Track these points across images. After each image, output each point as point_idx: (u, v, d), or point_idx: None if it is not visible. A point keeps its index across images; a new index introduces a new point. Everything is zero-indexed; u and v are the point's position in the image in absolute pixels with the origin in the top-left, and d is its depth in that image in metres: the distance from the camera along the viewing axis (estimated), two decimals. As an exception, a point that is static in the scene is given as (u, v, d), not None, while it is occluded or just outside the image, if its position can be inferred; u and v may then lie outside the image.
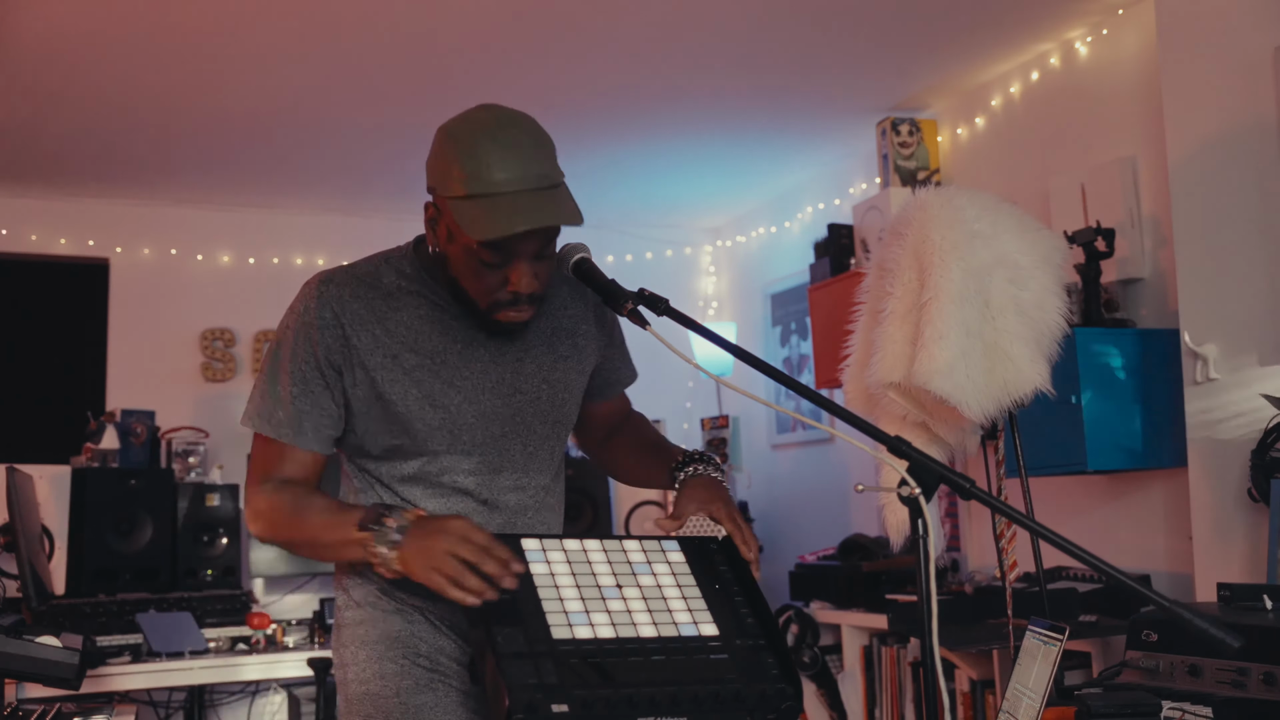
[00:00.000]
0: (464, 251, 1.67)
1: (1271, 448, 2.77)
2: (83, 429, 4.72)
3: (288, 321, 1.78)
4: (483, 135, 1.64)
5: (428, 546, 1.57)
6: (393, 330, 1.76)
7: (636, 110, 4.35)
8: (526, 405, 1.83)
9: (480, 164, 1.62)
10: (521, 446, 1.84)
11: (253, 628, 4.22)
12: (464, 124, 1.67)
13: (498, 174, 1.61)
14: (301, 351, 1.74)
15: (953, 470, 1.43)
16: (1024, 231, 2.25)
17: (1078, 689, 2.13)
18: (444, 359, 1.77)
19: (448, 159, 1.66)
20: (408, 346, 1.76)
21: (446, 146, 1.67)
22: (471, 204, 1.62)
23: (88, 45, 3.63)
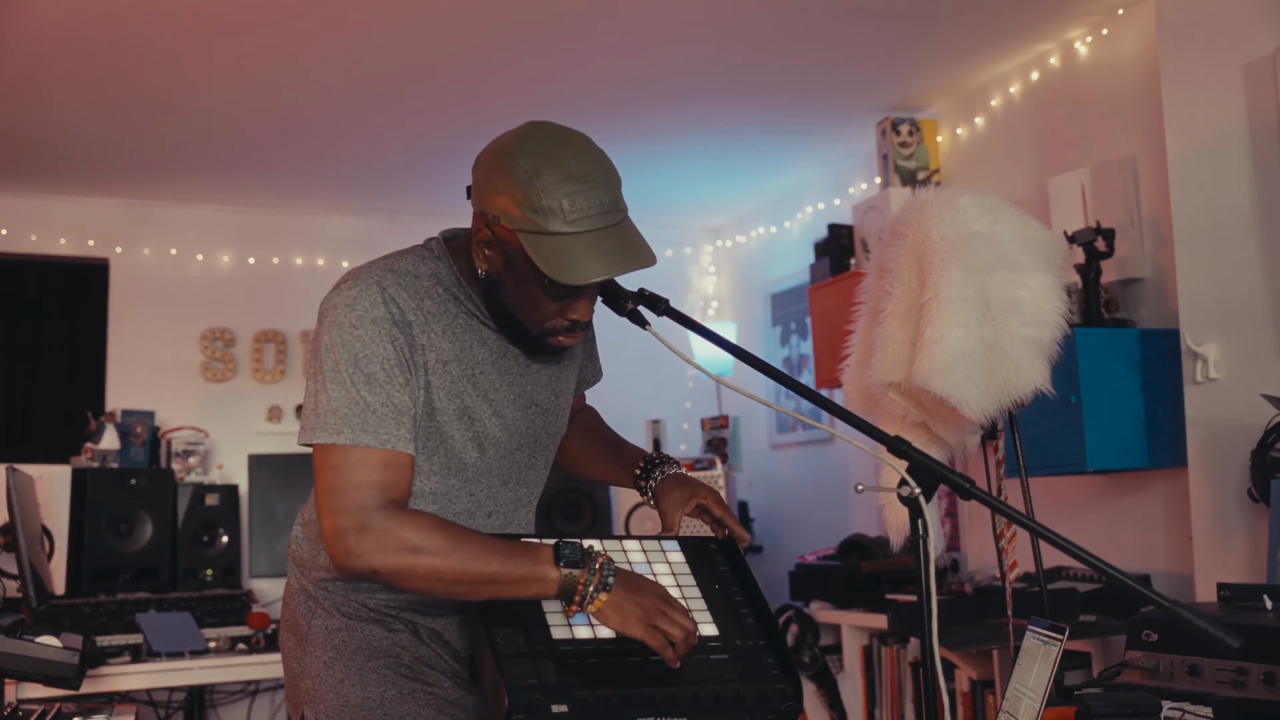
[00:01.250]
0: (526, 283, 1.61)
1: (1271, 448, 2.77)
2: (83, 429, 4.72)
3: (348, 320, 1.62)
4: (552, 166, 1.56)
5: (640, 602, 1.56)
6: (443, 335, 1.69)
7: (636, 110, 4.35)
8: (539, 418, 1.82)
9: (555, 200, 1.54)
10: (528, 458, 1.83)
11: (253, 628, 4.22)
12: (525, 149, 1.59)
13: (573, 213, 1.55)
14: (379, 349, 1.61)
15: (953, 470, 1.43)
16: (1024, 231, 2.25)
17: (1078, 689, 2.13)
18: (481, 371, 1.72)
19: (512, 187, 1.56)
20: (453, 356, 1.69)
21: (510, 173, 1.57)
22: (548, 241, 1.54)
23: (87, 45, 3.63)
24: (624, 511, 4.97)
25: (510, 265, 1.62)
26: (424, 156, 4.82)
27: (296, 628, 1.80)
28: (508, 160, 1.59)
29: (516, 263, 1.60)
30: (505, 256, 1.61)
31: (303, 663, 1.78)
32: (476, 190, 1.64)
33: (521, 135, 1.63)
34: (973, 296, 2.15)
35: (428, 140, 4.62)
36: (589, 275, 1.55)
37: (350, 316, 1.63)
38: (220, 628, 4.20)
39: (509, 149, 1.61)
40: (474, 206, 1.65)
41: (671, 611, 1.56)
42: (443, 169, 4.97)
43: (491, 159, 1.62)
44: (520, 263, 1.60)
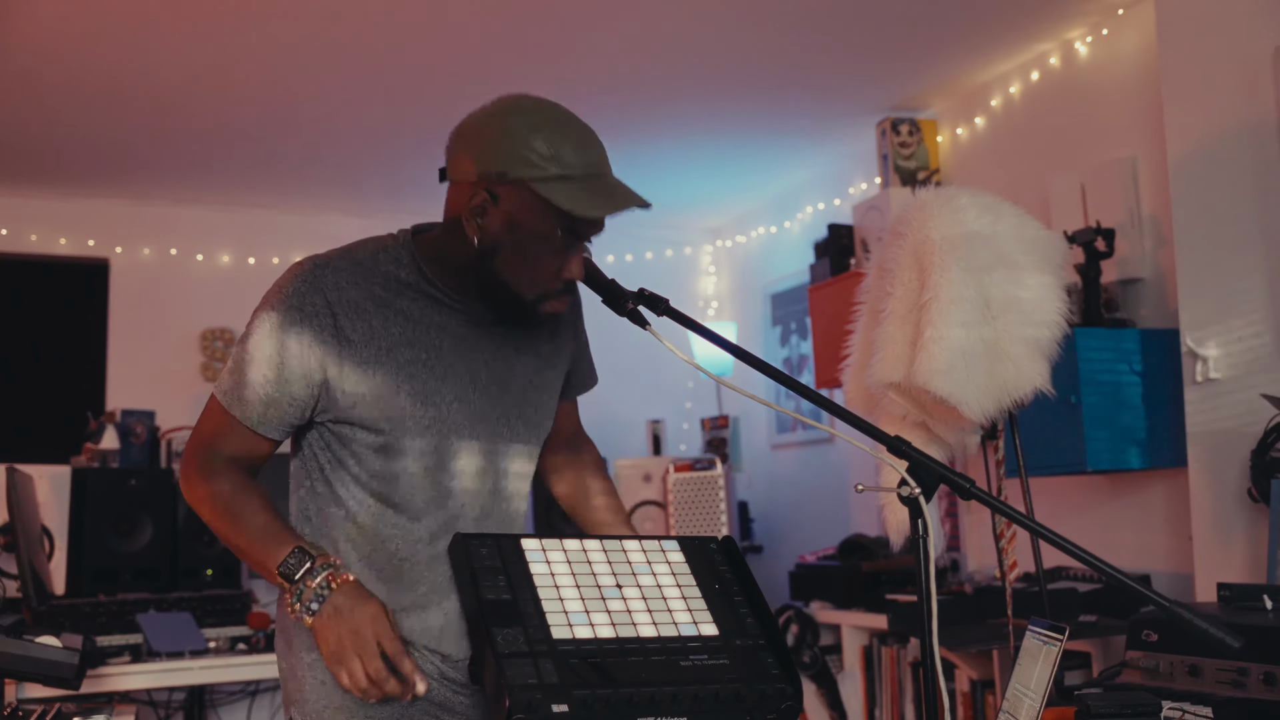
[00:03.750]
0: (529, 238, 1.63)
1: (1271, 448, 2.77)
2: (83, 429, 4.72)
3: (273, 302, 1.69)
4: (552, 119, 1.63)
5: (341, 636, 1.60)
6: (389, 320, 1.70)
7: (636, 110, 4.35)
8: (512, 406, 1.81)
9: (564, 146, 1.60)
10: (506, 446, 1.82)
11: (253, 628, 4.21)
12: (518, 110, 1.64)
13: (584, 156, 1.62)
14: (284, 338, 1.67)
15: (953, 470, 1.43)
16: (1024, 231, 2.24)
17: (1078, 689, 2.13)
18: (438, 354, 1.73)
19: (518, 142, 1.60)
20: (404, 340, 1.71)
21: (512, 130, 1.61)
22: (565, 184, 1.59)
23: (88, 45, 3.63)
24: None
25: (512, 225, 1.63)
26: (424, 157, 4.81)
27: (285, 629, 1.82)
28: (504, 121, 1.63)
29: (520, 219, 1.62)
30: (507, 216, 1.63)
31: (290, 663, 1.80)
32: (467, 158, 1.64)
33: (509, 101, 1.68)
34: (973, 296, 2.15)
35: (428, 140, 4.62)
36: (608, 209, 1.61)
37: (275, 298, 1.70)
38: (220, 628, 4.20)
39: (501, 113, 1.65)
40: (462, 177, 1.66)
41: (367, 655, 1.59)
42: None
43: (484, 125, 1.65)
44: (525, 217, 1.62)
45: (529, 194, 1.60)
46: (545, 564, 1.64)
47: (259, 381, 1.69)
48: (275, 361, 1.68)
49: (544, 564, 1.64)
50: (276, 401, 1.70)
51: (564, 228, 1.62)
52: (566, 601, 1.59)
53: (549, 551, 1.66)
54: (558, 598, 1.59)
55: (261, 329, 1.69)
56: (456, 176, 1.66)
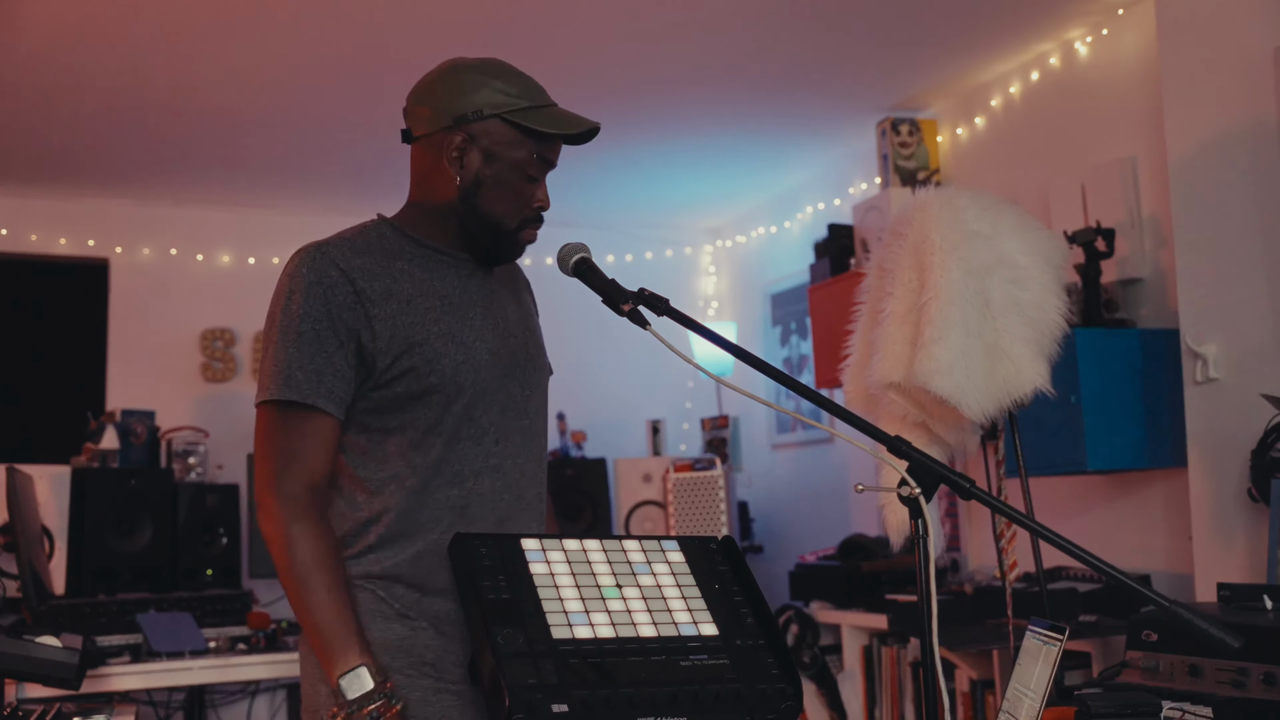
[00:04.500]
0: (506, 166, 1.78)
1: (1271, 448, 2.77)
2: (83, 429, 4.72)
3: (288, 288, 1.74)
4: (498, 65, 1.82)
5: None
6: (399, 278, 1.79)
7: (636, 110, 4.35)
8: (519, 348, 1.89)
9: (520, 83, 1.79)
10: (520, 388, 1.88)
11: (253, 627, 4.22)
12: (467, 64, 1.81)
13: (537, 91, 1.81)
14: (313, 310, 1.72)
15: (953, 470, 1.43)
16: (1024, 231, 2.25)
17: (1078, 689, 2.13)
18: (452, 300, 1.82)
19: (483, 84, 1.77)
20: (419, 290, 1.79)
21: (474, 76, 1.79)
22: (533, 112, 1.77)
23: (87, 45, 3.64)
24: (624, 512, 4.97)
25: (490, 158, 1.79)
26: (424, 156, 4.82)
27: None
28: (459, 75, 1.80)
29: (497, 150, 1.78)
30: (484, 152, 1.79)
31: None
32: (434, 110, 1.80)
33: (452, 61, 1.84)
34: (973, 297, 2.15)
35: (428, 140, 4.62)
36: (579, 125, 1.79)
37: (287, 283, 1.76)
38: (220, 628, 4.20)
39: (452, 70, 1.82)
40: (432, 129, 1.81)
41: None
42: (443, 169, 4.97)
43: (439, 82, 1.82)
44: (501, 148, 1.78)
45: (503, 126, 1.78)
46: (545, 564, 1.64)
47: (306, 357, 1.72)
48: (311, 335, 1.72)
49: (544, 564, 1.64)
50: (325, 371, 1.72)
51: (536, 153, 1.79)
52: (566, 601, 1.59)
53: (549, 551, 1.66)
54: (557, 598, 1.59)
55: (289, 312, 1.74)
56: (426, 130, 1.82)
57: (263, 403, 1.74)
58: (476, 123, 1.77)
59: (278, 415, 1.73)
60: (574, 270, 1.81)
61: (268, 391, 1.72)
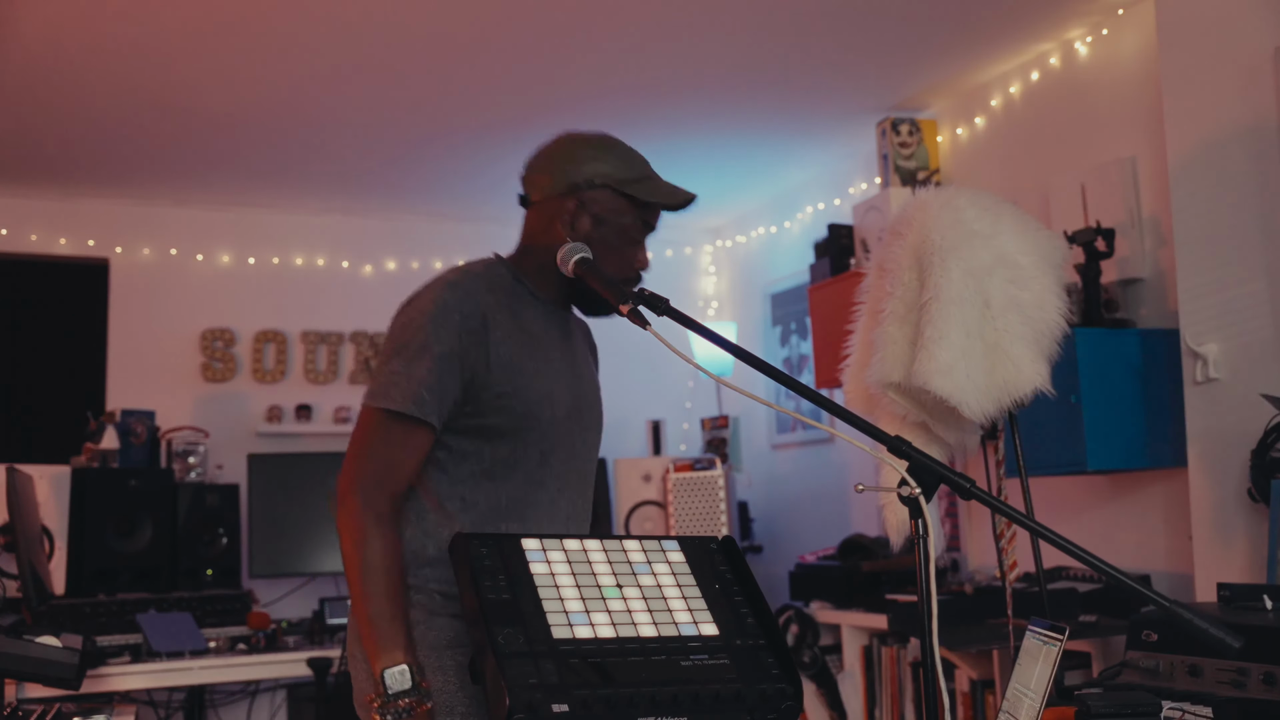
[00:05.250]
0: (614, 231, 1.96)
1: (1271, 448, 2.77)
2: (83, 429, 4.72)
3: (432, 310, 1.88)
4: (608, 139, 2.01)
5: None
6: (514, 321, 1.95)
7: (636, 111, 4.35)
8: (584, 396, 2.04)
9: (628, 157, 1.99)
10: (581, 436, 2.02)
11: (253, 627, 4.22)
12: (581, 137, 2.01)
13: (642, 163, 2.01)
14: (448, 337, 1.86)
15: (953, 470, 1.43)
16: (1024, 231, 2.24)
17: (1078, 689, 2.13)
18: (546, 347, 1.98)
19: (598, 157, 1.97)
20: (526, 334, 1.95)
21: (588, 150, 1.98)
22: (639, 183, 1.97)
23: (88, 46, 3.64)
24: (624, 512, 4.97)
25: (599, 223, 1.96)
26: (424, 157, 4.82)
27: None
28: (573, 147, 1.99)
29: (606, 217, 1.96)
30: (593, 217, 1.95)
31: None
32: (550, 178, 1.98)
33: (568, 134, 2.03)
34: (973, 297, 2.15)
35: (428, 141, 4.62)
36: (681, 195, 1.98)
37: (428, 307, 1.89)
38: (220, 628, 4.20)
39: (567, 142, 2.01)
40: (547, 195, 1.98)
41: None
42: (441, 169, 4.97)
43: (555, 154, 2.00)
44: (610, 215, 1.96)
45: (611, 195, 1.96)
46: (545, 564, 1.64)
47: (434, 379, 1.85)
48: (444, 360, 1.86)
49: (544, 564, 1.64)
50: (445, 394, 1.86)
51: (644, 221, 1.98)
52: (567, 601, 1.59)
53: (549, 551, 1.66)
54: (558, 598, 1.59)
55: (428, 332, 1.87)
56: (542, 195, 1.99)
57: (377, 407, 1.86)
58: (588, 191, 1.95)
59: (388, 422, 1.86)
60: (574, 270, 1.85)
61: (391, 400, 1.85)
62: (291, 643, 4.29)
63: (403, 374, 1.85)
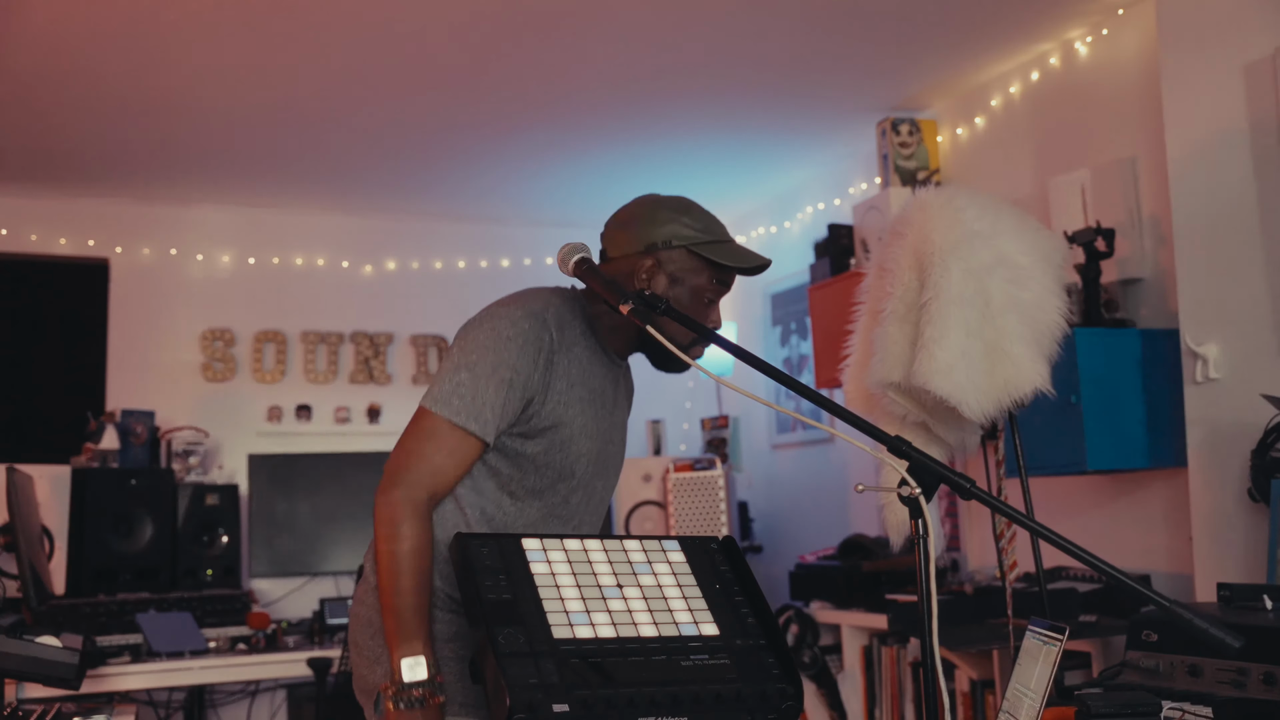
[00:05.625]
0: (687, 292, 1.98)
1: (1271, 448, 2.77)
2: (83, 429, 4.72)
3: (509, 332, 1.91)
4: (687, 203, 2.03)
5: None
6: (574, 362, 1.98)
7: (636, 111, 4.35)
8: (612, 453, 2.10)
9: (706, 220, 2.00)
10: (602, 484, 2.09)
11: (253, 628, 4.22)
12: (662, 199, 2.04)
13: (719, 226, 2.01)
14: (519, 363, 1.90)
15: (953, 470, 1.43)
16: (1024, 231, 2.24)
17: (1078, 689, 2.13)
18: (597, 397, 2.02)
19: (675, 218, 1.99)
20: (581, 379, 1.99)
21: (666, 211, 2.00)
22: (715, 246, 1.98)
23: (88, 45, 3.64)
24: (624, 512, 4.97)
25: (674, 282, 1.98)
26: (424, 157, 4.82)
27: (374, 621, 1.96)
28: (653, 208, 2.01)
29: (681, 278, 1.98)
30: (669, 277, 1.98)
31: (379, 651, 1.93)
32: (629, 236, 2.01)
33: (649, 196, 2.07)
34: (973, 297, 2.15)
35: (428, 141, 4.62)
36: (755, 260, 1.99)
37: (507, 328, 1.92)
38: (220, 628, 4.20)
39: (649, 204, 2.03)
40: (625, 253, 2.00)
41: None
42: (442, 169, 4.97)
43: (636, 213, 2.02)
44: (685, 275, 1.98)
45: (688, 256, 1.98)
46: (546, 564, 1.64)
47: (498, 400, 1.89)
48: (509, 383, 1.90)
49: (544, 564, 1.64)
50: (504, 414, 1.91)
51: (718, 281, 2.00)
52: (567, 601, 1.59)
53: (549, 551, 1.67)
54: (558, 597, 1.59)
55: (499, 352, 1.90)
56: (620, 252, 2.01)
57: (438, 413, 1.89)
58: (665, 250, 1.97)
59: (444, 428, 1.89)
60: (574, 270, 1.86)
61: (454, 411, 1.88)
62: (291, 643, 4.29)
63: (469, 387, 1.88)
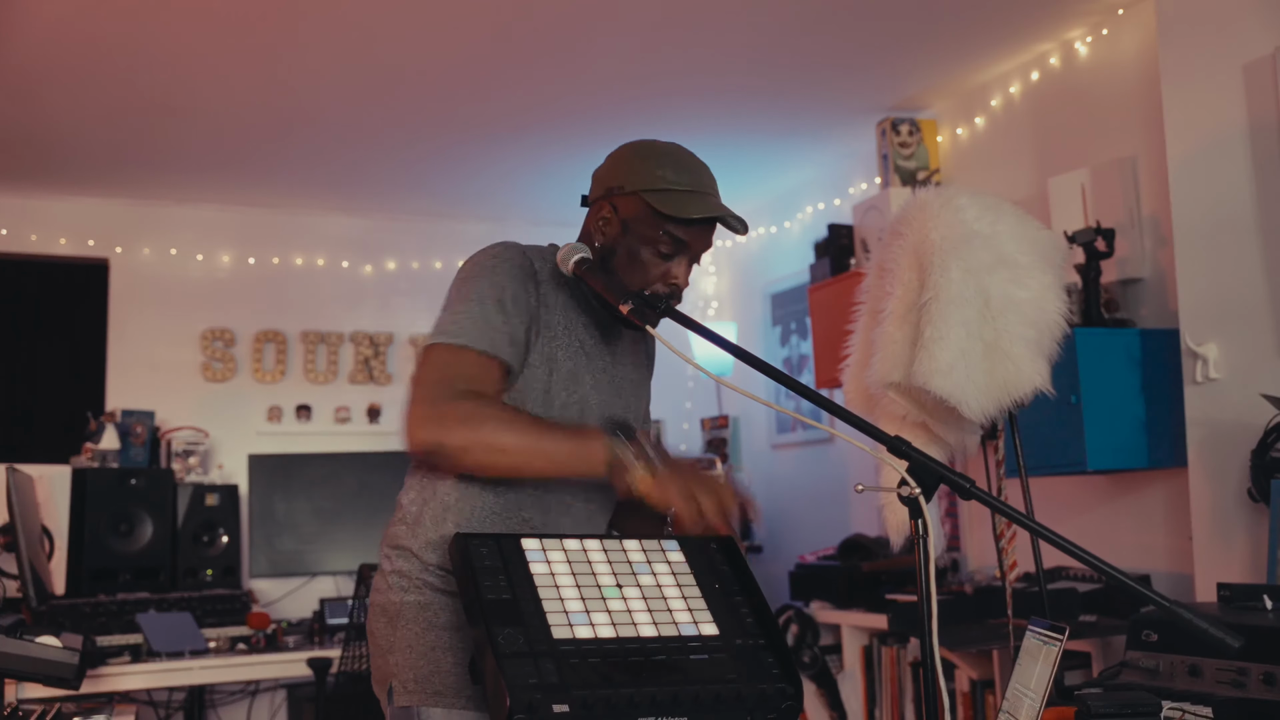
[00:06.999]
0: (637, 240, 1.90)
1: (1271, 448, 2.77)
2: (83, 429, 4.72)
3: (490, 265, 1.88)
4: (666, 149, 1.95)
5: (685, 478, 1.73)
6: (564, 307, 1.94)
7: (636, 111, 4.35)
8: (625, 408, 2.03)
9: (670, 166, 1.91)
10: None
11: (253, 628, 4.22)
12: (643, 143, 1.97)
13: (687, 175, 1.92)
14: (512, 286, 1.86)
15: (953, 470, 1.43)
16: (1024, 231, 2.24)
17: (1078, 689, 2.13)
18: (585, 348, 1.96)
19: (637, 161, 1.92)
20: (569, 325, 1.94)
21: (635, 154, 1.94)
22: (668, 194, 1.88)
23: (87, 45, 3.64)
24: (624, 511, 4.97)
25: (626, 229, 1.91)
26: (424, 156, 4.82)
27: (387, 609, 1.92)
28: (628, 151, 1.96)
29: (632, 225, 1.90)
30: (623, 223, 1.91)
31: (392, 639, 1.89)
32: (599, 181, 1.97)
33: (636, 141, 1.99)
34: (973, 297, 2.15)
35: (427, 140, 4.62)
36: (697, 211, 1.88)
37: (492, 260, 1.90)
38: (220, 628, 4.20)
39: (628, 147, 1.97)
40: (593, 197, 1.97)
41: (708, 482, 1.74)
42: (442, 169, 4.97)
43: (614, 157, 1.98)
44: (635, 224, 1.90)
45: (639, 202, 1.90)
46: (545, 564, 1.64)
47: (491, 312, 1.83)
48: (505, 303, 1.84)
49: (544, 564, 1.64)
50: (505, 331, 1.84)
51: (668, 233, 1.89)
52: (567, 601, 1.59)
53: (549, 551, 1.66)
54: (558, 597, 1.59)
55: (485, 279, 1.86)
56: (591, 197, 1.99)
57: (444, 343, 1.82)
58: (619, 197, 1.92)
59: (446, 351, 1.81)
60: (574, 270, 1.85)
61: (442, 334, 1.82)
62: (291, 643, 4.29)
63: (467, 315, 1.83)
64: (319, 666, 4.03)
